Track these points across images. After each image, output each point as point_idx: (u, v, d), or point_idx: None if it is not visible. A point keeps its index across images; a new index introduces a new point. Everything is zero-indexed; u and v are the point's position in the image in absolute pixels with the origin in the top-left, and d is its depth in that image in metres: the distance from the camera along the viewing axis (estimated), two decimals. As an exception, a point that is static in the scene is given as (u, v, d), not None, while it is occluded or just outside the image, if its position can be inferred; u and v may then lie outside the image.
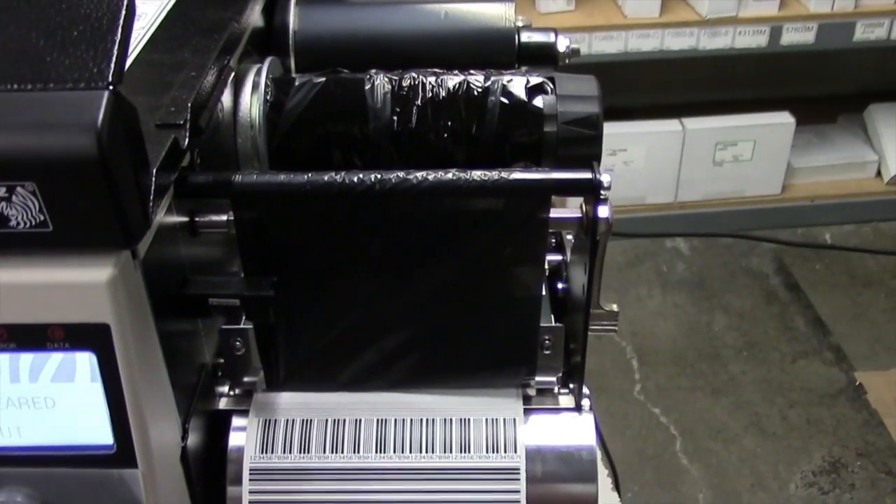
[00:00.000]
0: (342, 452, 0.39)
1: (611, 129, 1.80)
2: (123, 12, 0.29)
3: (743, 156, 1.67)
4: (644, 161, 1.66)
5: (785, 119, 1.66)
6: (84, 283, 0.30)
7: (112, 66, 0.28)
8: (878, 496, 1.25)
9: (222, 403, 0.41)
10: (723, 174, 1.69)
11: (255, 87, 0.44)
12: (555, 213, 0.37)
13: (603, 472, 0.69)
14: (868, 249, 1.69)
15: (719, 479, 1.27)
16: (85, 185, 0.28)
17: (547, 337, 0.41)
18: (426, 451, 0.39)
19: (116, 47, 0.29)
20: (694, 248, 1.71)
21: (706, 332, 1.51)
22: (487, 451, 0.39)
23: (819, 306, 1.56)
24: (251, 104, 0.43)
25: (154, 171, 0.31)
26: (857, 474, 1.27)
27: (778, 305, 1.57)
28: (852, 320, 1.54)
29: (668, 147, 1.65)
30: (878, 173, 1.76)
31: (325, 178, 0.36)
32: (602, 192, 0.36)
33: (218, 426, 0.40)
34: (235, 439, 0.40)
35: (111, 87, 0.28)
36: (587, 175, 0.36)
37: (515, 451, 0.39)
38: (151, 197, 0.31)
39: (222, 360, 0.41)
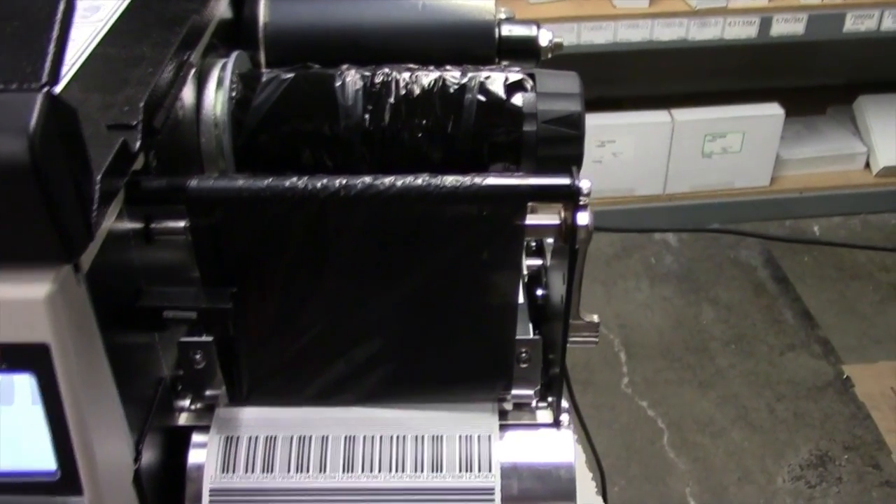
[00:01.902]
0: (308, 472, 0.37)
1: (599, 121, 1.80)
2: (62, 6, 0.27)
3: (732, 147, 1.67)
4: (633, 152, 1.65)
5: (774, 110, 1.66)
6: (20, 300, 0.28)
7: (47, 65, 0.26)
8: (865, 489, 1.24)
9: (182, 419, 0.39)
10: (712, 166, 1.68)
11: (220, 83, 0.42)
12: (532, 219, 0.35)
13: (587, 476, 0.67)
14: (856, 244, 1.68)
15: (706, 473, 1.26)
16: (18, 195, 0.26)
17: (524, 349, 0.39)
18: (396, 471, 0.37)
19: (52, 45, 0.26)
20: (682, 240, 1.70)
21: (694, 325, 1.51)
22: (461, 470, 0.37)
23: (807, 299, 1.56)
24: (215, 101, 0.41)
25: (99, 177, 0.29)
26: (845, 468, 1.27)
27: (766, 298, 1.56)
28: (840, 313, 1.53)
29: (657, 138, 1.64)
30: (867, 165, 1.76)
31: (287, 183, 0.34)
32: (581, 198, 0.34)
33: (177, 443, 0.38)
34: (195, 457, 0.38)
35: (46, 89, 0.26)
36: (565, 181, 0.34)
37: (490, 470, 0.37)
38: (95, 206, 0.29)
39: (182, 373, 0.39)
